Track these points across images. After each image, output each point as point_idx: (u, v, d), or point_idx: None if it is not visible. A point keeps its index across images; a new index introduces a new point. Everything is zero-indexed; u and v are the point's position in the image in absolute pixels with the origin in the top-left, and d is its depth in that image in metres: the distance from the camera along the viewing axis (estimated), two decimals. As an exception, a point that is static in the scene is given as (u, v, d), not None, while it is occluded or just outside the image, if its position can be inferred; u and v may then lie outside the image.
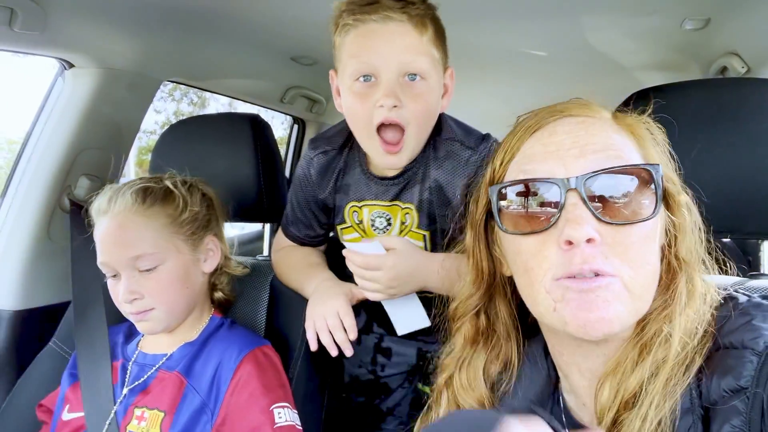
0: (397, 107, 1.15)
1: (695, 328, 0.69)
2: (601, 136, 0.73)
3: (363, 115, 1.18)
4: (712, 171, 1.02)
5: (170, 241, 1.25)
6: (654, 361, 0.68)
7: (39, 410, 1.32)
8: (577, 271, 0.67)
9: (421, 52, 1.16)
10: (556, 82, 2.54)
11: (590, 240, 0.67)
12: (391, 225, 1.39)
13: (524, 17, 1.84)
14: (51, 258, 1.73)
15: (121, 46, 1.70)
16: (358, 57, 1.16)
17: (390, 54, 1.14)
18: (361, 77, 1.17)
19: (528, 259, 0.73)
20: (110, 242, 1.21)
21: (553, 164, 0.72)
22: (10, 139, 3.39)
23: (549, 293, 0.70)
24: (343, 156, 1.39)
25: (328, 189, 1.41)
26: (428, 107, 1.20)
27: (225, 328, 1.32)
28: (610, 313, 0.67)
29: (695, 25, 1.83)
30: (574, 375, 0.79)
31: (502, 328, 0.87)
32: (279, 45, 2.07)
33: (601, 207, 0.69)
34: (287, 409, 1.19)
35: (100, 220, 1.25)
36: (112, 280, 1.23)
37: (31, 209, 1.69)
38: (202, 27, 1.79)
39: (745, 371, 0.64)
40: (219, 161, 1.58)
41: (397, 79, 1.15)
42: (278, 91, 2.58)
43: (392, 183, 1.34)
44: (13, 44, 1.49)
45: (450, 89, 1.29)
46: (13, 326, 1.65)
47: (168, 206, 1.27)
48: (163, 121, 7.05)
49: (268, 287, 1.48)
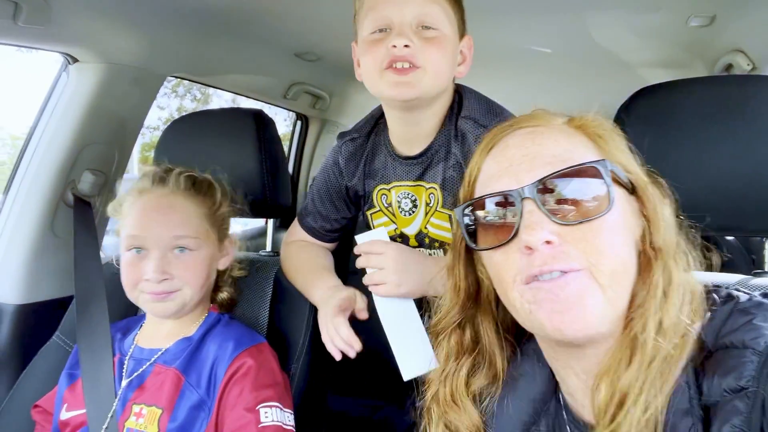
0: (409, 47, 1.17)
1: (680, 321, 0.69)
2: (549, 144, 0.76)
3: (376, 60, 1.21)
4: (716, 168, 1.01)
5: (207, 230, 1.30)
6: (644, 359, 0.68)
7: (34, 411, 1.32)
8: (537, 272, 0.70)
9: (436, 3, 1.20)
10: (561, 78, 2.54)
11: (548, 242, 0.69)
12: (417, 207, 1.39)
13: (529, 14, 1.84)
14: (54, 252, 1.73)
15: (125, 41, 1.70)
16: (374, 10, 1.22)
17: (405, 4, 1.19)
18: (378, 30, 1.21)
19: (499, 269, 0.76)
20: (154, 219, 1.24)
21: (507, 180, 0.75)
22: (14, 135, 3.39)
23: (522, 296, 0.73)
24: (370, 141, 1.43)
25: (357, 175, 1.44)
26: (443, 54, 1.22)
27: (222, 324, 1.32)
28: (584, 309, 0.68)
29: (701, 22, 1.82)
30: (570, 378, 0.80)
31: (487, 339, 0.89)
32: (283, 41, 2.07)
33: (557, 210, 0.71)
34: (276, 409, 1.17)
35: (139, 198, 1.27)
36: (134, 256, 1.23)
37: (35, 204, 1.69)
38: (206, 22, 1.79)
39: (745, 371, 0.63)
40: (222, 157, 1.58)
41: (410, 27, 1.19)
42: (282, 87, 2.58)
43: (416, 162, 1.35)
44: (17, 39, 1.50)
45: (468, 58, 1.31)
46: (16, 320, 1.66)
47: (210, 198, 1.33)
48: (166, 117, 7.05)
49: (272, 283, 1.49)
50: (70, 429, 1.24)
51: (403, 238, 1.45)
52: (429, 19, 1.19)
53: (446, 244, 1.39)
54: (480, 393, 0.88)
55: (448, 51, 1.23)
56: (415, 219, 1.41)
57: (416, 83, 1.20)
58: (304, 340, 1.40)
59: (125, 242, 1.24)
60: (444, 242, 1.40)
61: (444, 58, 1.22)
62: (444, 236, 1.40)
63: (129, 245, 1.24)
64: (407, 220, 1.42)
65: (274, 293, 1.48)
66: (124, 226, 1.26)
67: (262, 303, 1.47)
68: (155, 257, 1.21)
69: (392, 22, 1.19)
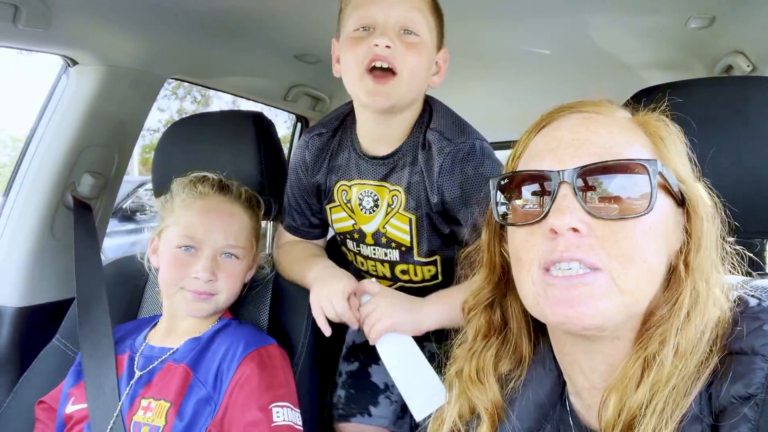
0: (390, 48, 1.21)
1: (697, 342, 0.67)
2: (602, 132, 0.73)
3: (356, 56, 1.25)
4: (716, 169, 1.01)
5: (251, 242, 1.38)
6: (655, 381, 0.66)
7: (39, 407, 1.32)
8: (557, 258, 0.68)
9: (419, 9, 1.25)
10: (560, 80, 2.54)
11: (575, 230, 0.67)
12: (378, 206, 1.41)
13: (528, 16, 1.84)
14: (54, 255, 1.73)
15: (125, 43, 1.70)
16: (360, 8, 1.25)
17: (390, 7, 1.23)
18: (361, 27, 1.25)
19: (519, 248, 0.75)
20: (214, 222, 1.30)
21: (550, 161, 0.73)
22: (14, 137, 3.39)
23: (534, 285, 0.71)
24: (337, 137, 1.45)
25: (322, 170, 1.46)
26: (420, 61, 1.26)
27: (233, 326, 1.34)
28: (592, 309, 0.67)
29: (700, 24, 1.82)
30: (577, 375, 0.79)
31: (515, 323, 0.87)
32: (283, 43, 2.07)
33: (593, 201, 0.69)
34: (287, 409, 1.20)
35: (199, 200, 1.34)
36: (184, 253, 1.29)
37: (34, 206, 1.69)
38: (206, 25, 1.79)
39: (755, 378, 0.62)
40: (222, 159, 1.58)
41: (393, 29, 1.23)
42: (281, 89, 2.58)
43: (382, 162, 1.38)
44: (17, 41, 1.50)
45: (442, 70, 1.36)
46: (16, 323, 1.66)
47: (256, 214, 1.42)
48: (166, 119, 7.06)
49: (271, 285, 1.49)
50: (74, 422, 1.25)
51: (360, 234, 1.48)
52: (412, 25, 1.23)
53: (402, 246, 1.43)
54: (506, 375, 0.87)
55: (425, 58, 1.27)
56: (374, 218, 1.43)
57: (392, 92, 1.24)
58: (304, 341, 1.40)
59: (178, 240, 1.29)
60: (401, 243, 1.43)
61: (421, 64, 1.26)
62: (401, 237, 1.42)
63: (181, 243, 1.29)
64: (367, 218, 1.44)
65: (274, 295, 1.48)
66: (177, 223, 1.31)
67: (263, 304, 1.47)
68: (208, 257, 1.28)
69: (376, 22, 1.23)
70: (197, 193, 1.34)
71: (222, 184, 1.38)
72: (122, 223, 6.55)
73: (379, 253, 1.49)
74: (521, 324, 0.87)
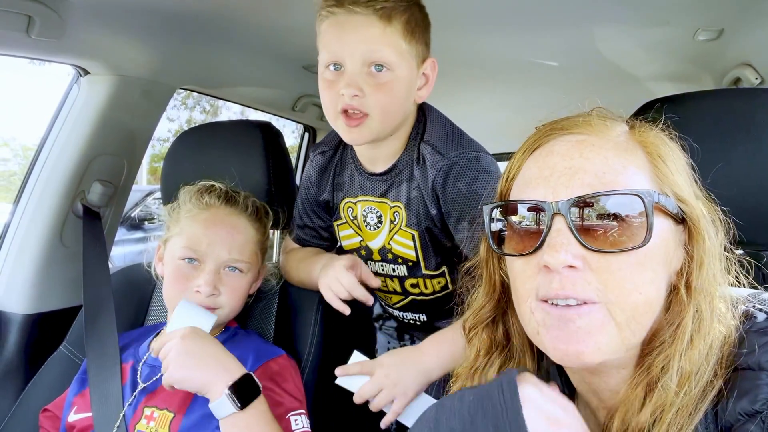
0: (358, 96, 1.19)
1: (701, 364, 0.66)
2: (597, 160, 0.71)
3: (330, 100, 1.24)
4: (724, 181, 1.00)
5: (257, 256, 1.36)
6: (658, 406, 0.66)
7: (43, 415, 1.32)
8: (552, 295, 0.67)
9: (386, 43, 1.19)
10: (568, 92, 2.54)
11: (571, 266, 0.66)
12: (381, 222, 1.41)
13: (536, 28, 1.84)
14: (63, 262, 1.74)
15: (136, 53, 1.72)
16: (327, 47, 1.23)
17: (354, 44, 1.19)
18: (331, 65, 1.23)
19: (516, 278, 0.74)
20: (218, 235, 1.29)
21: (543, 191, 0.71)
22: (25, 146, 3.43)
23: (533, 313, 0.71)
24: (338, 155, 1.45)
25: (327, 188, 1.47)
26: (393, 97, 1.23)
27: (240, 336, 1.34)
28: (590, 345, 0.66)
29: (708, 36, 1.82)
30: (587, 395, 0.79)
31: (518, 339, 0.86)
32: (291, 54, 2.09)
33: (587, 233, 0.67)
34: (304, 416, 1.21)
35: (205, 211, 1.32)
36: (187, 265, 1.27)
37: (44, 214, 1.71)
38: (216, 35, 1.81)
39: (760, 394, 0.62)
40: (230, 168, 1.59)
41: (361, 69, 1.20)
42: (290, 99, 2.60)
43: (380, 179, 1.37)
44: (30, 51, 1.51)
45: (431, 80, 1.32)
46: (24, 329, 1.66)
47: (263, 226, 1.39)
48: (176, 128, 7.10)
49: (278, 294, 1.49)
50: (77, 431, 1.24)
51: (367, 251, 1.47)
52: (380, 59, 1.19)
53: (409, 261, 1.41)
54: None
55: (399, 93, 1.23)
56: (379, 234, 1.42)
57: (365, 130, 1.23)
58: (310, 351, 1.39)
59: (181, 251, 1.28)
60: (407, 259, 1.42)
61: (394, 101, 1.23)
62: (406, 253, 1.41)
63: (185, 255, 1.27)
64: (372, 234, 1.44)
65: (281, 305, 1.48)
66: (182, 234, 1.29)
67: (269, 314, 1.47)
68: (210, 271, 1.26)
69: (343, 61, 1.21)
70: (203, 204, 1.33)
71: (228, 195, 1.36)
72: (130, 231, 6.57)
73: (387, 269, 1.48)
74: (524, 339, 0.85)
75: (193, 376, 1.09)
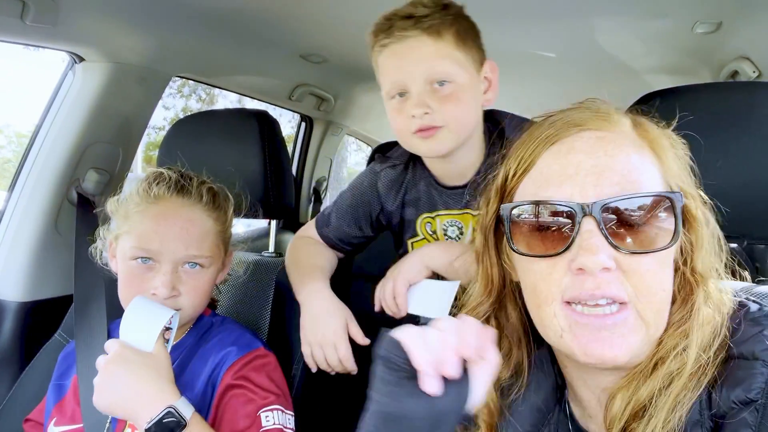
0: (428, 114, 1.20)
1: (711, 341, 0.68)
2: (621, 158, 0.71)
3: (402, 124, 1.25)
4: (721, 174, 1.01)
5: (219, 247, 1.25)
6: (668, 373, 0.67)
7: (26, 425, 1.29)
8: (587, 296, 0.66)
9: (441, 58, 1.21)
10: (565, 83, 2.54)
11: (606, 269, 0.66)
12: (463, 234, 1.39)
13: (534, 19, 1.84)
14: (58, 250, 1.74)
15: (131, 40, 1.71)
16: (389, 77, 1.25)
17: (413, 67, 1.21)
18: (397, 94, 1.24)
19: (538, 281, 0.72)
20: (171, 231, 1.16)
21: (571, 190, 0.70)
22: (19, 133, 3.40)
23: (557, 317, 0.70)
24: (409, 171, 1.43)
25: (396, 203, 1.44)
26: (461, 105, 1.23)
27: (216, 328, 1.29)
28: (624, 348, 0.67)
29: (707, 29, 1.82)
30: (580, 388, 0.79)
31: (514, 334, 0.85)
32: (288, 42, 2.07)
33: (617, 234, 0.67)
34: (278, 412, 1.16)
35: (155, 205, 1.19)
36: (140, 266, 1.16)
37: (39, 202, 1.70)
38: (212, 23, 1.79)
39: (755, 383, 0.63)
40: (226, 157, 1.59)
41: (425, 88, 1.21)
42: (286, 88, 2.59)
43: (461, 191, 1.36)
44: (24, 37, 1.50)
45: (493, 82, 1.32)
46: (19, 317, 1.67)
47: (224, 214, 1.28)
48: (171, 117, 7.07)
49: (273, 285, 1.49)
50: None
51: None
52: (441, 75, 1.20)
53: None
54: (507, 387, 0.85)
55: (466, 99, 1.24)
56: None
57: (443, 140, 1.23)
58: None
59: (132, 251, 1.17)
60: None
61: (464, 109, 1.24)
62: None
63: (136, 255, 1.17)
64: None
65: (276, 295, 1.48)
66: (131, 232, 1.18)
67: (264, 305, 1.47)
68: (166, 272, 1.15)
69: (406, 86, 1.22)
70: (152, 196, 1.20)
71: (179, 184, 1.23)
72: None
73: None
74: (520, 334, 0.85)
75: (116, 407, 1.03)
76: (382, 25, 1.23)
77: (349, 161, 8.16)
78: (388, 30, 1.21)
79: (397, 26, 1.20)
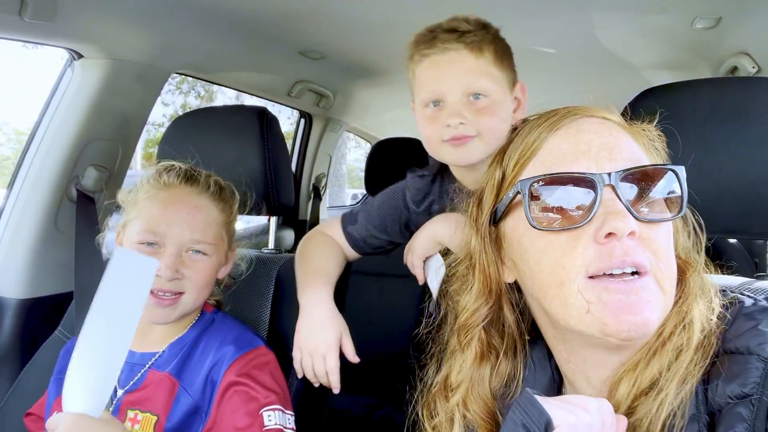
0: (463, 124, 1.23)
1: (709, 318, 0.70)
2: (624, 140, 0.74)
3: (433, 133, 1.27)
4: (720, 170, 1.01)
5: (222, 238, 1.29)
6: (676, 346, 0.67)
7: (27, 419, 1.30)
8: (618, 263, 0.66)
9: (481, 73, 1.24)
10: (564, 79, 2.53)
11: (632, 233, 0.67)
12: None
13: (533, 14, 1.84)
14: (58, 247, 1.74)
15: (130, 37, 1.71)
16: (426, 86, 1.26)
17: (453, 79, 1.23)
18: (431, 103, 1.26)
19: (560, 256, 0.71)
20: (178, 216, 1.21)
21: (587, 164, 0.71)
22: (18, 130, 3.40)
23: (581, 293, 0.68)
24: (437, 184, 1.45)
25: (421, 210, 1.46)
26: (494, 118, 1.26)
27: (218, 324, 1.29)
28: (653, 314, 0.67)
29: (706, 24, 1.82)
30: (581, 382, 0.78)
31: (508, 337, 0.85)
32: (287, 39, 2.07)
33: (633, 204, 0.69)
34: (278, 412, 1.16)
35: (163, 192, 1.24)
36: (147, 250, 1.18)
37: (38, 199, 1.70)
38: (211, 19, 1.79)
39: (750, 377, 0.63)
40: (226, 154, 1.58)
41: (462, 99, 1.23)
42: (286, 85, 2.58)
43: None
44: (23, 34, 1.50)
45: (522, 103, 1.35)
46: (19, 314, 1.67)
47: (229, 207, 1.32)
48: (171, 113, 7.06)
49: (273, 282, 1.49)
50: None
51: None
52: (478, 89, 1.23)
53: None
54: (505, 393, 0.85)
55: (500, 114, 1.27)
56: None
57: (474, 149, 1.25)
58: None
59: (139, 235, 1.20)
60: None
61: (495, 120, 1.26)
62: None
63: (143, 239, 1.19)
64: None
65: (276, 292, 1.48)
66: (139, 217, 1.22)
67: (264, 302, 1.48)
68: (171, 254, 1.18)
69: (443, 96, 1.24)
70: (161, 183, 1.25)
71: (189, 174, 1.28)
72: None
73: None
74: (515, 336, 0.85)
75: None
76: (424, 36, 1.26)
77: (349, 158, 8.16)
78: (430, 41, 1.24)
79: (440, 38, 1.23)
